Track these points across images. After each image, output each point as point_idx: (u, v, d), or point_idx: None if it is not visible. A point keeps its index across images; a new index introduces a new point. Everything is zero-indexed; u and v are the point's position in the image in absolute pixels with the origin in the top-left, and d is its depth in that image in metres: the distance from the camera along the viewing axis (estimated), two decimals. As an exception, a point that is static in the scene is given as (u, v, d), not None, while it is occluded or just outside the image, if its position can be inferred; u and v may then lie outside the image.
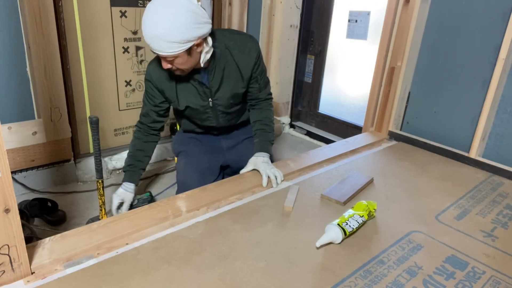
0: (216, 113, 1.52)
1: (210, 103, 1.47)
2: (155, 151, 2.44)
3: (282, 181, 1.47)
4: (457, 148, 1.83)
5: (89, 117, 1.54)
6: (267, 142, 1.55)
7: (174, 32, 1.18)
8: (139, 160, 1.54)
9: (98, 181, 1.60)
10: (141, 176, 1.58)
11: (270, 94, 1.62)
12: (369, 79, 2.11)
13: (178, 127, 1.80)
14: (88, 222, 1.73)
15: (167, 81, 1.42)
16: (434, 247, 1.15)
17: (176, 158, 1.75)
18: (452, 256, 1.11)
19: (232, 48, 1.41)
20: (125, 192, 1.51)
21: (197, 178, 1.49)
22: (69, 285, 0.92)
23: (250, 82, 1.50)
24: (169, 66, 1.29)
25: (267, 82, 1.59)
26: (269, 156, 1.53)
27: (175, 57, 1.25)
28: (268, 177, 1.45)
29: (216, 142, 1.66)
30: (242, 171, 1.51)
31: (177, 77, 1.39)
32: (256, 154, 1.52)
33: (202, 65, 1.33)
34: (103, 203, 1.64)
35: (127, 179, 1.52)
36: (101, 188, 1.62)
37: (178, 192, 1.55)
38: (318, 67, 2.89)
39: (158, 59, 1.38)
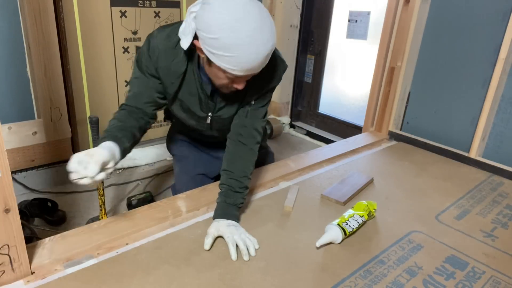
0: (210, 126, 1.29)
1: (209, 118, 1.24)
2: (155, 151, 2.46)
3: (256, 249, 1.08)
4: (457, 148, 1.83)
5: (89, 117, 1.53)
6: (233, 206, 1.17)
7: (275, 40, 1.00)
8: (115, 128, 1.09)
9: None
10: (123, 155, 1.08)
11: (258, 133, 1.25)
12: (369, 79, 2.11)
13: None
14: (88, 222, 1.73)
15: (174, 77, 1.14)
16: (434, 247, 1.15)
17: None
18: (452, 256, 1.11)
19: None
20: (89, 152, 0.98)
21: (193, 188, 1.40)
22: (69, 285, 0.92)
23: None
24: (244, 84, 1.05)
25: (261, 115, 1.25)
26: (236, 220, 1.16)
27: None
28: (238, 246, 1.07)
29: (210, 151, 1.51)
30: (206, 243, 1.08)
31: (185, 81, 1.15)
32: (217, 219, 1.14)
33: None
34: (103, 203, 1.64)
35: (98, 142, 1.05)
36: (101, 188, 1.61)
37: (174, 193, 1.49)
38: (318, 67, 2.89)
39: (171, 46, 1.10)
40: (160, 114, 1.47)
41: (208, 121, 1.25)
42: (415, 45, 1.91)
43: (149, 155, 2.43)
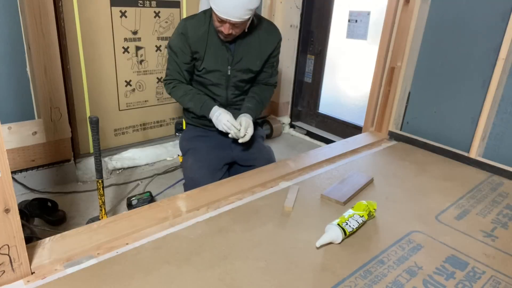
0: (228, 84, 1.61)
1: (229, 71, 1.57)
2: (155, 151, 2.46)
3: (245, 134, 1.53)
4: (457, 148, 1.83)
5: (89, 117, 1.54)
6: (256, 111, 1.64)
7: (254, 1, 1.35)
8: (198, 93, 1.61)
9: (98, 181, 1.60)
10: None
11: (276, 82, 1.77)
12: (369, 79, 2.11)
13: (184, 125, 1.80)
14: (88, 222, 1.73)
15: (201, 40, 1.52)
16: (434, 247, 1.15)
17: (181, 157, 1.75)
18: (452, 256, 1.12)
19: (260, 27, 1.58)
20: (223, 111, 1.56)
21: (206, 175, 1.51)
22: (69, 285, 0.92)
23: (265, 65, 1.64)
24: (231, 31, 1.42)
25: (277, 72, 1.75)
26: (252, 120, 1.60)
27: (242, 23, 1.40)
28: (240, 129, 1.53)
29: (223, 139, 1.68)
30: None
31: (209, 39, 1.53)
32: (243, 114, 1.59)
33: (246, 30, 1.50)
34: (103, 203, 1.64)
35: (212, 104, 1.57)
36: (101, 188, 1.61)
37: (186, 189, 1.56)
38: (318, 67, 2.89)
39: (196, 19, 1.53)
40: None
41: (229, 72, 1.58)
42: (415, 45, 1.91)
43: (149, 155, 2.43)
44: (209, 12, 1.52)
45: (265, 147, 1.74)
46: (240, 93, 1.67)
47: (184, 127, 1.81)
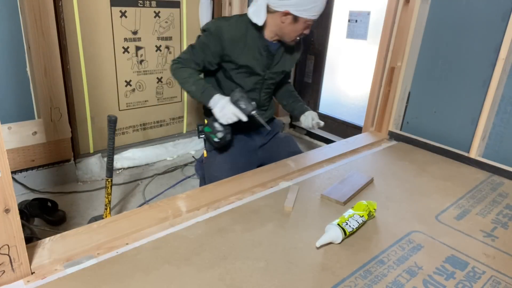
0: (262, 87, 1.62)
1: (266, 74, 1.58)
2: (155, 151, 2.46)
3: (314, 125, 1.69)
4: (457, 148, 1.83)
5: (108, 116, 1.53)
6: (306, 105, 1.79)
7: None
8: (202, 79, 1.54)
9: (107, 179, 1.59)
10: None
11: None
12: (369, 79, 2.11)
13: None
14: (90, 221, 1.73)
15: (239, 41, 1.48)
16: (434, 247, 1.15)
17: (205, 152, 1.71)
18: (452, 256, 1.11)
19: None
20: (224, 97, 1.46)
21: (232, 176, 1.49)
22: (69, 285, 0.92)
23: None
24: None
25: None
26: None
27: None
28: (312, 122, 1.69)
29: (249, 140, 1.69)
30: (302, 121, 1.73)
31: (247, 44, 1.50)
32: (308, 111, 1.73)
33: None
34: (109, 202, 1.63)
35: (213, 92, 1.46)
36: (110, 187, 1.60)
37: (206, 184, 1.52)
38: (318, 67, 2.89)
39: (230, 23, 1.48)
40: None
41: (266, 76, 1.59)
42: (415, 45, 1.91)
43: (149, 155, 2.44)
44: (247, 19, 1.48)
45: (282, 139, 1.77)
46: (269, 95, 1.70)
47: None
